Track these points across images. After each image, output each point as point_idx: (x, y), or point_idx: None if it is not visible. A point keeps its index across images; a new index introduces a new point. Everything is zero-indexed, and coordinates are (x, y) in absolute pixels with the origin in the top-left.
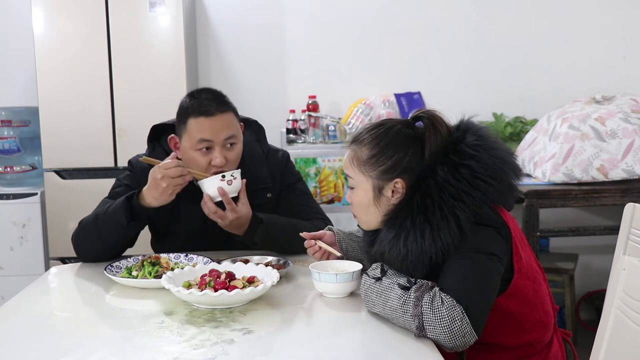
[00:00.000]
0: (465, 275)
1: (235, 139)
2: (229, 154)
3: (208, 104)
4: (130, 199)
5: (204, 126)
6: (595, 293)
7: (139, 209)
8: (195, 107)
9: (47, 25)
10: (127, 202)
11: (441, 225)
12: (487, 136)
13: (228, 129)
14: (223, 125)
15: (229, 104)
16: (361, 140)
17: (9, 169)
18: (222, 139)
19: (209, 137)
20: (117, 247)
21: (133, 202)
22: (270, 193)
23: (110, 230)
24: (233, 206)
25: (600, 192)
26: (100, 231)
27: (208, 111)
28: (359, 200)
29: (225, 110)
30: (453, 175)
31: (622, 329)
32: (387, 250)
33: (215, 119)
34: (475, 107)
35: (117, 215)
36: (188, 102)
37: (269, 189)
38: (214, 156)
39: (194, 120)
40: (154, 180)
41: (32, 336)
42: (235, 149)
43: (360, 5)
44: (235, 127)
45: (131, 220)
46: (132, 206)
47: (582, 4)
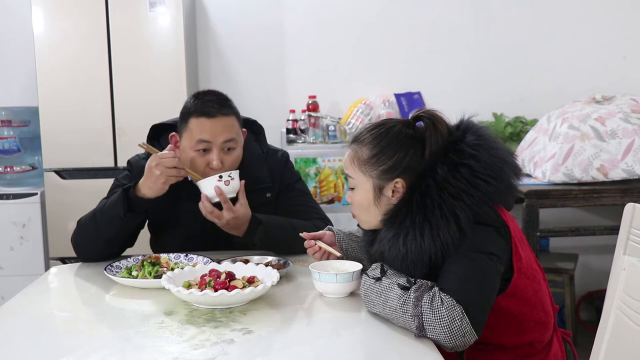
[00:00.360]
0: (465, 275)
1: (235, 143)
2: (227, 158)
3: (211, 105)
4: (128, 190)
5: (205, 127)
6: (595, 293)
7: (135, 201)
8: (198, 107)
9: (47, 25)
10: (124, 194)
11: (441, 224)
12: (487, 136)
13: (228, 132)
14: (223, 127)
15: (233, 108)
16: (362, 140)
17: (9, 169)
18: (221, 142)
19: (208, 138)
20: (117, 242)
21: (130, 193)
22: (269, 193)
23: (108, 224)
24: (230, 206)
25: (600, 192)
26: (99, 226)
27: (210, 112)
28: (359, 200)
29: (227, 114)
30: (453, 174)
31: (622, 329)
32: (387, 249)
33: (216, 121)
34: (475, 107)
35: (115, 207)
36: (192, 102)
37: (268, 188)
38: (212, 158)
39: (195, 120)
40: (149, 168)
41: (32, 336)
42: (233, 154)
43: (360, 5)
44: (236, 131)
45: (129, 211)
46: (129, 198)
47: (582, 4)
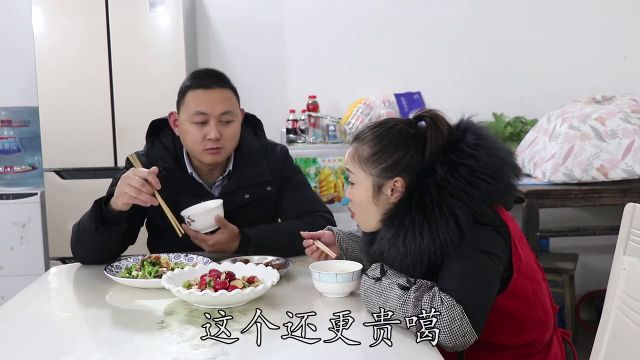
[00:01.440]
0: (464, 275)
1: (232, 116)
2: (225, 130)
3: (207, 78)
4: (100, 203)
5: (201, 98)
6: (595, 293)
7: (107, 214)
8: (195, 81)
9: (47, 25)
10: (96, 207)
11: (440, 224)
12: (486, 135)
13: (224, 104)
14: (220, 98)
15: (229, 82)
16: (363, 137)
17: (9, 169)
18: (218, 113)
19: (205, 110)
20: (107, 250)
21: (102, 207)
22: (270, 186)
23: (87, 237)
24: (202, 238)
25: (600, 192)
26: (84, 238)
27: (206, 84)
28: (358, 197)
29: (224, 87)
30: (452, 174)
31: (622, 329)
32: (387, 249)
33: (213, 92)
34: (475, 107)
35: (89, 221)
36: (189, 78)
37: (268, 182)
38: (209, 129)
39: (192, 92)
40: (120, 180)
41: (32, 336)
42: (231, 127)
43: (360, 5)
44: (233, 104)
45: (102, 225)
46: (102, 211)
47: (582, 4)
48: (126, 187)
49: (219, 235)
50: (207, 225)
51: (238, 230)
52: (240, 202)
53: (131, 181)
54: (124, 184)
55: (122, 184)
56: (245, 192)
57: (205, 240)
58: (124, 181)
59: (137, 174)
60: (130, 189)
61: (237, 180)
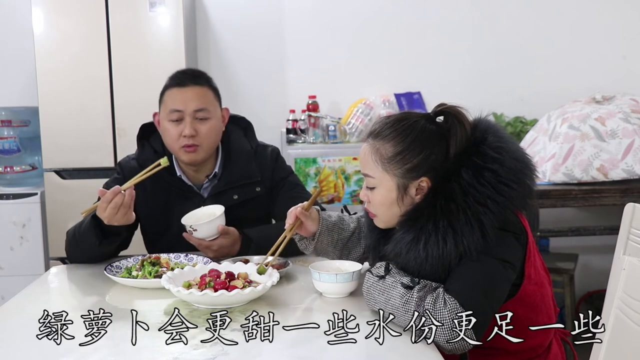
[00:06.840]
0: (473, 279)
1: (207, 113)
2: (201, 127)
3: (183, 76)
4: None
5: (176, 96)
6: (595, 293)
7: (106, 226)
8: (172, 80)
9: (47, 25)
10: (95, 222)
11: (465, 230)
12: (506, 137)
13: (199, 101)
14: (194, 96)
15: (207, 80)
16: (383, 135)
17: (9, 169)
18: (192, 110)
19: (179, 107)
20: (104, 257)
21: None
22: (259, 187)
23: (90, 249)
24: (207, 245)
25: (600, 192)
26: (81, 249)
27: (181, 82)
28: (380, 200)
29: (200, 84)
30: (478, 179)
31: (622, 329)
32: (405, 252)
33: (187, 90)
34: (475, 107)
35: (88, 235)
36: (168, 78)
37: (257, 182)
38: (184, 126)
39: (169, 91)
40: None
41: (32, 336)
42: (207, 124)
43: (360, 5)
44: (209, 102)
45: (103, 238)
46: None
47: (582, 4)
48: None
49: (222, 240)
50: (210, 233)
51: (239, 233)
52: (230, 203)
53: (101, 212)
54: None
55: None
56: (234, 193)
57: (209, 247)
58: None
59: (102, 204)
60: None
61: (226, 181)
